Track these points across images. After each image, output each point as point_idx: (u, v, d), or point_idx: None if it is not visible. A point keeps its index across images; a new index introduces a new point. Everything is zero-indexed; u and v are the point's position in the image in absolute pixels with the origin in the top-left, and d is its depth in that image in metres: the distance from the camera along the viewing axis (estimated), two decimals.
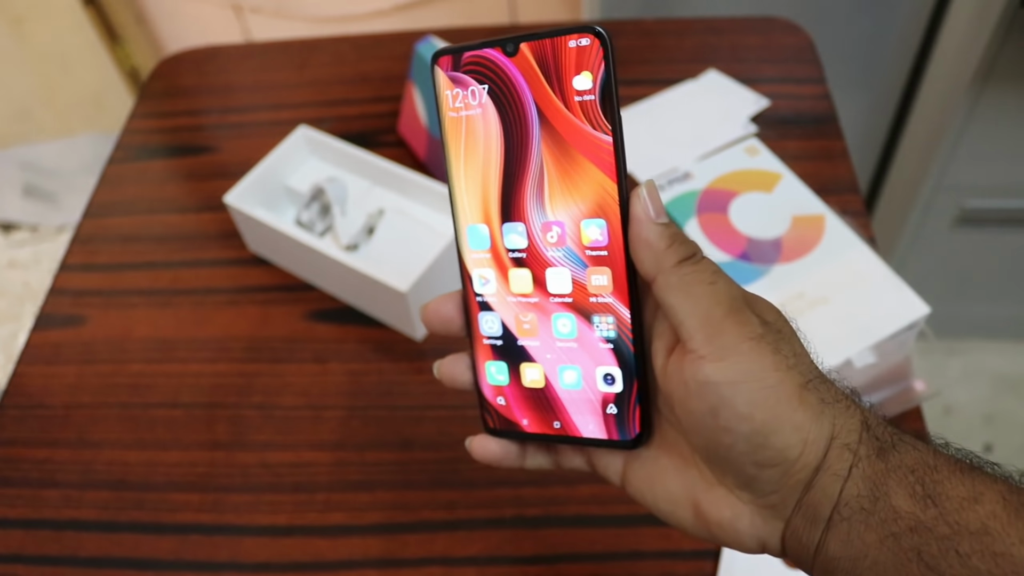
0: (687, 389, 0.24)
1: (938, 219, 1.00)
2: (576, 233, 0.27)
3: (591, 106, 0.26)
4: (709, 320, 0.24)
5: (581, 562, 0.46)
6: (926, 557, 0.22)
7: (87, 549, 0.49)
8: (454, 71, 0.28)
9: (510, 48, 0.26)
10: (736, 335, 0.23)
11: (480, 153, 0.28)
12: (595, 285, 0.27)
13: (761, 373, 0.23)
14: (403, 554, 0.47)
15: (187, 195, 0.69)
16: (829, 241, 0.53)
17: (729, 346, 0.23)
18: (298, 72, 0.78)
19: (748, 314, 0.24)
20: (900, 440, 0.24)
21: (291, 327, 0.58)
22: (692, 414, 0.24)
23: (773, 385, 0.23)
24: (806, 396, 0.23)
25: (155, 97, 0.78)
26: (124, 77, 1.43)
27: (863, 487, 0.23)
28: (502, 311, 0.29)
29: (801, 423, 0.23)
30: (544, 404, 0.29)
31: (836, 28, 0.93)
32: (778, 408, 0.23)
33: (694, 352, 0.24)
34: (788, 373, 0.23)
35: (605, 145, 0.26)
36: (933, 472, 0.23)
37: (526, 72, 0.26)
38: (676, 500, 0.26)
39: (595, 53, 0.25)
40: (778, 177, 0.57)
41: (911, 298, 0.49)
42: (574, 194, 0.27)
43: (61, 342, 0.59)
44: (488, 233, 0.28)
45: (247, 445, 0.53)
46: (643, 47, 0.75)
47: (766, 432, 0.23)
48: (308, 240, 0.56)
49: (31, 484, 0.52)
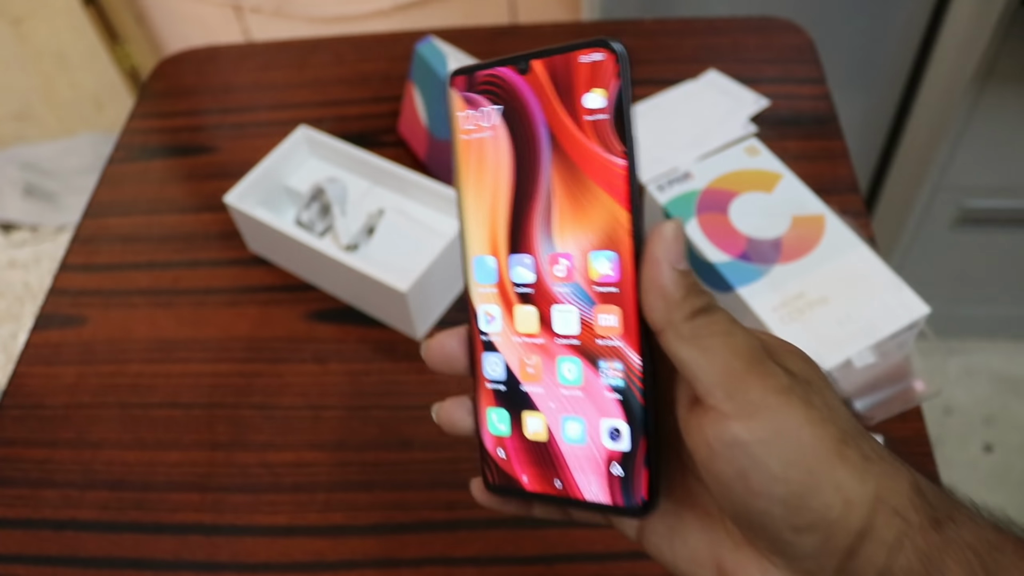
0: (711, 450, 0.22)
1: (938, 219, 1.00)
2: (584, 267, 0.25)
3: (604, 126, 0.24)
4: (729, 374, 0.21)
5: (581, 562, 0.46)
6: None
7: (87, 549, 0.49)
8: (468, 91, 0.26)
9: (522, 66, 0.25)
10: (762, 389, 0.21)
11: (490, 178, 0.26)
12: (603, 326, 0.24)
13: (794, 429, 0.21)
14: (403, 554, 0.47)
15: (187, 195, 0.69)
16: (829, 241, 0.53)
17: (755, 402, 0.21)
18: (298, 72, 0.78)
19: (771, 365, 0.22)
20: (957, 510, 0.21)
21: (291, 327, 0.58)
22: (719, 477, 0.22)
23: (809, 442, 0.21)
24: (846, 451, 0.21)
25: (155, 97, 0.78)
26: (124, 77, 1.43)
27: (915, 561, 0.20)
28: (507, 352, 0.27)
29: (842, 481, 0.21)
30: (546, 460, 0.26)
31: (836, 28, 0.93)
32: (816, 466, 0.21)
33: (715, 409, 0.21)
34: (824, 427, 0.21)
35: (618, 170, 0.23)
36: (996, 552, 0.20)
37: (539, 91, 0.25)
38: (698, 560, 0.24)
39: (609, 69, 0.23)
40: (778, 177, 0.57)
41: (911, 298, 0.49)
42: (584, 223, 0.24)
43: (61, 342, 0.59)
44: (496, 265, 0.26)
45: (247, 445, 0.53)
46: (643, 47, 0.75)
47: (804, 494, 0.21)
48: (308, 240, 0.56)
49: (31, 484, 0.52)
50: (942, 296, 1.09)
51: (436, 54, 0.62)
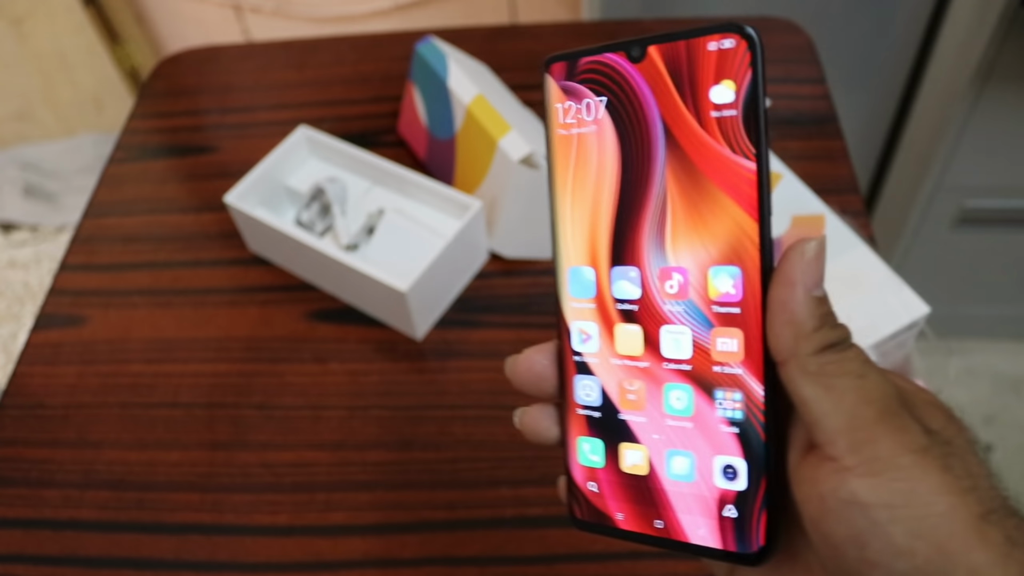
0: (824, 506, 0.19)
1: (938, 219, 1.00)
2: (702, 283, 0.22)
3: (732, 123, 0.21)
4: (856, 422, 0.19)
5: (581, 562, 0.46)
6: None
7: (87, 549, 0.49)
8: (568, 80, 0.23)
9: (636, 52, 0.22)
10: (893, 444, 0.19)
11: (592, 179, 0.23)
12: (721, 351, 0.22)
13: (927, 496, 0.18)
14: (403, 554, 0.47)
15: (187, 195, 0.69)
16: (829, 241, 0.53)
17: (884, 458, 0.19)
18: (298, 72, 0.78)
19: (907, 418, 0.19)
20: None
21: (291, 327, 0.58)
22: (829, 538, 0.19)
23: (943, 513, 0.18)
24: (987, 531, 0.18)
25: (155, 97, 0.78)
26: (124, 77, 1.43)
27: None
28: (603, 375, 0.24)
29: (979, 566, 0.18)
30: (646, 496, 0.24)
31: (836, 28, 0.93)
32: (949, 544, 0.18)
33: (836, 461, 0.19)
34: (963, 498, 0.18)
35: (747, 173, 0.21)
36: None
37: (654, 81, 0.22)
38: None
39: (741, 58, 0.21)
40: (778, 177, 0.57)
41: (911, 298, 0.49)
42: (703, 233, 0.22)
43: (61, 342, 0.59)
44: (595, 278, 0.24)
45: (247, 445, 0.53)
46: None
47: (931, 572, 0.18)
48: (308, 240, 0.56)
49: (31, 484, 0.52)
50: (942, 296, 1.09)
51: (436, 54, 0.62)
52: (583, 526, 0.25)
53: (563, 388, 0.25)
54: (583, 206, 0.24)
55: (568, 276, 0.24)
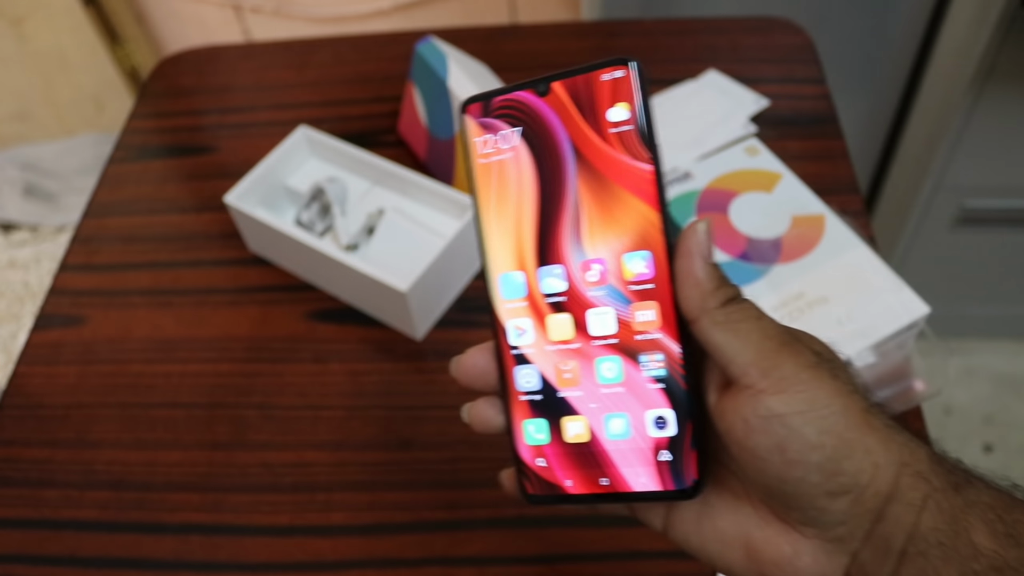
0: (748, 426, 0.23)
1: (938, 219, 1.00)
2: (618, 269, 0.26)
3: (629, 136, 0.25)
4: (762, 353, 0.23)
5: (582, 562, 0.46)
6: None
7: (87, 549, 0.49)
8: (484, 117, 0.28)
9: (542, 88, 0.27)
10: (794, 365, 0.23)
11: (513, 197, 0.27)
12: (641, 321, 0.26)
13: (826, 399, 0.23)
14: (403, 554, 0.47)
15: (187, 195, 0.69)
16: (829, 241, 0.53)
17: (788, 376, 0.23)
18: (298, 72, 0.78)
19: (800, 345, 0.24)
20: (973, 476, 0.23)
21: (291, 327, 0.58)
22: (755, 451, 0.23)
23: (840, 410, 0.22)
24: (872, 420, 0.23)
25: (155, 97, 0.78)
26: (124, 77, 1.43)
27: (940, 520, 0.22)
28: (540, 362, 0.28)
29: (871, 446, 0.22)
30: (589, 460, 0.27)
31: (836, 28, 0.93)
32: (848, 433, 0.22)
33: (752, 387, 0.23)
34: (851, 398, 0.23)
35: (646, 174, 0.25)
36: (1012, 511, 0.22)
37: (559, 110, 0.26)
38: (726, 540, 0.25)
39: (630, 83, 0.25)
40: (778, 177, 0.57)
41: (911, 298, 0.49)
42: (615, 228, 0.26)
43: (61, 342, 0.59)
44: (524, 280, 0.28)
45: (247, 445, 0.53)
46: (643, 47, 0.75)
47: (838, 458, 0.22)
48: (308, 240, 0.56)
49: (31, 484, 0.52)
50: (942, 296, 1.08)
51: (436, 54, 0.62)
52: (536, 500, 0.28)
53: (504, 380, 0.28)
54: (507, 221, 0.28)
55: (499, 282, 0.28)
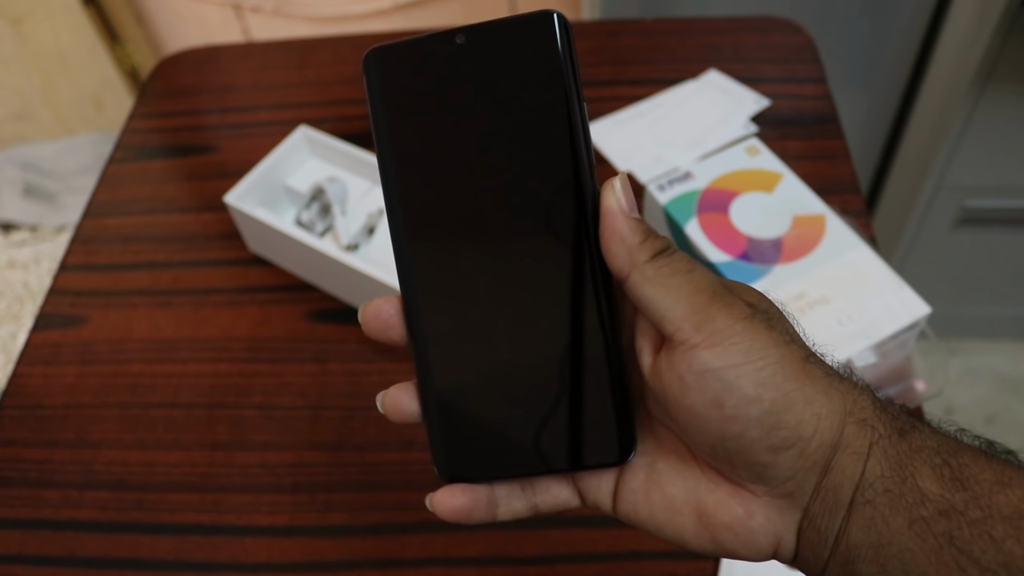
0: (684, 383, 0.22)
1: (939, 219, 1.00)
2: (543, 234, 0.24)
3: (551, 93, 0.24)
4: (694, 307, 0.22)
5: (582, 562, 0.46)
6: (958, 542, 0.20)
7: (87, 549, 0.49)
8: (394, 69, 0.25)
9: (458, 38, 0.25)
10: (727, 317, 0.22)
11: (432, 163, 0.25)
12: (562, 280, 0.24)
13: (762, 351, 0.22)
14: (404, 555, 0.47)
15: (187, 195, 0.69)
16: (830, 241, 0.53)
17: (722, 330, 0.22)
18: (298, 72, 0.78)
19: (732, 297, 0.23)
20: (918, 422, 0.23)
21: (291, 327, 0.58)
22: (693, 408, 0.22)
23: (776, 361, 0.22)
24: (811, 369, 0.22)
25: (155, 97, 0.78)
26: (124, 77, 1.43)
27: (886, 467, 0.21)
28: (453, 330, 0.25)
29: (812, 396, 0.22)
30: (518, 437, 0.25)
31: (837, 28, 0.92)
32: (786, 384, 0.22)
33: (685, 343, 0.22)
34: (788, 348, 0.22)
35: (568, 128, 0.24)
36: (957, 455, 0.21)
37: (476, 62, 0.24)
38: (677, 507, 0.24)
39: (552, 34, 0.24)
40: (779, 177, 0.57)
41: (912, 298, 0.49)
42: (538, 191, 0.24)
43: (61, 342, 0.59)
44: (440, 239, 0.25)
45: (247, 445, 0.52)
46: (643, 47, 0.75)
47: (777, 411, 0.21)
48: (308, 240, 0.56)
49: (30, 484, 0.52)
50: (943, 296, 1.09)
51: None
52: (456, 478, 0.26)
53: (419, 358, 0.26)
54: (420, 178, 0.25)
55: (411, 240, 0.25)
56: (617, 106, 0.69)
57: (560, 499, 0.26)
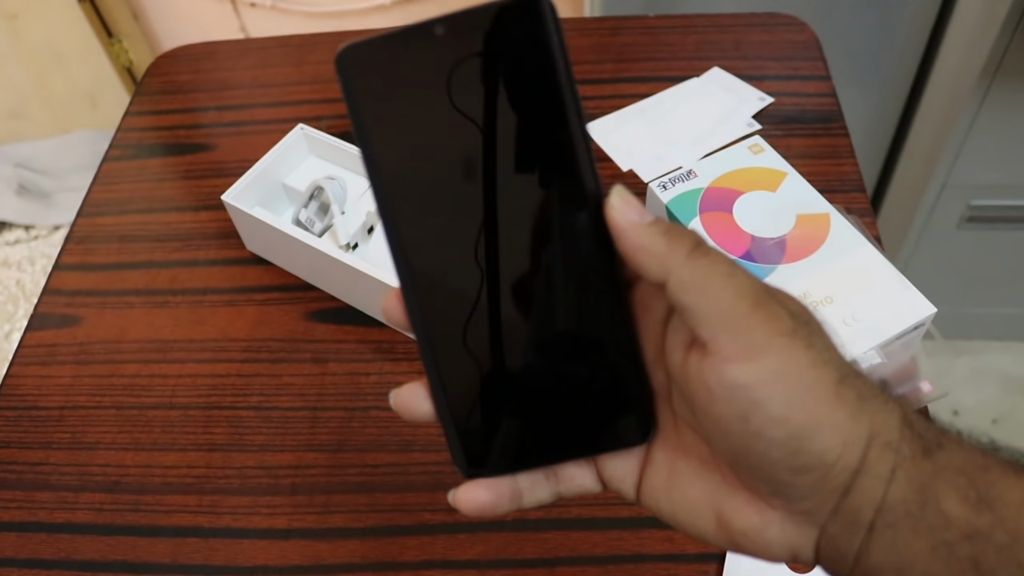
0: (711, 394, 0.22)
1: (945, 218, 1.00)
2: (548, 223, 0.24)
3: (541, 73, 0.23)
4: (734, 316, 0.21)
5: (583, 565, 0.46)
6: (984, 568, 0.20)
7: (82, 552, 0.48)
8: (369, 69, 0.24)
9: (437, 30, 0.23)
10: (767, 331, 0.21)
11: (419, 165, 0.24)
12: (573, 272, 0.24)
13: (797, 373, 0.21)
14: (403, 557, 0.47)
15: (184, 194, 0.69)
16: (834, 240, 0.52)
17: (759, 344, 0.21)
18: (296, 69, 0.77)
19: (775, 306, 0.22)
20: (945, 439, 0.22)
21: (290, 327, 0.58)
22: (718, 420, 0.22)
23: (810, 384, 0.21)
24: (844, 392, 0.21)
25: (151, 94, 0.78)
26: (120, 74, 1.42)
27: (909, 490, 0.21)
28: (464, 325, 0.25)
29: (840, 423, 0.21)
30: (535, 427, 0.25)
31: (842, 25, 0.92)
32: (816, 409, 0.21)
33: (719, 353, 0.21)
34: (824, 369, 0.21)
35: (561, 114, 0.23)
36: (985, 473, 0.21)
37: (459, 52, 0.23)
38: (696, 508, 0.24)
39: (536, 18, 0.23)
40: (782, 175, 0.57)
41: (917, 298, 0.49)
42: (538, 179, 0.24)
43: (56, 342, 0.59)
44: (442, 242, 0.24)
45: (245, 447, 0.52)
46: (646, 44, 0.75)
47: (803, 436, 0.21)
48: (307, 239, 0.55)
49: (25, 486, 0.52)
50: (949, 296, 1.08)
51: None
52: (478, 473, 0.25)
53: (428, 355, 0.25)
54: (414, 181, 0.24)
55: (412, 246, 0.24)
56: (619, 104, 0.69)
57: (584, 486, 0.26)
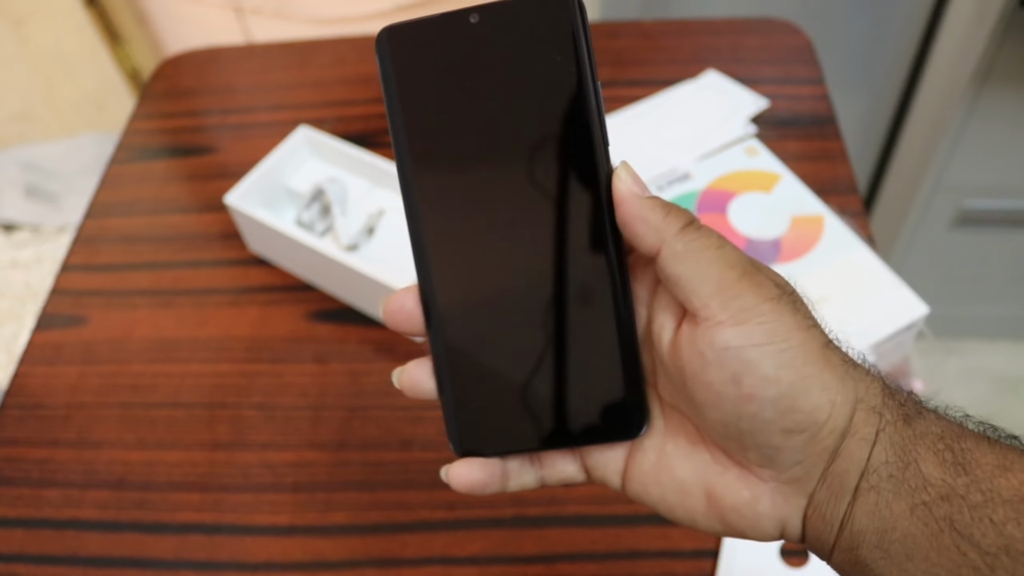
0: (704, 359, 0.22)
1: (937, 219, 1.00)
2: (557, 211, 0.25)
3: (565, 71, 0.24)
4: (724, 284, 0.22)
5: (581, 561, 0.46)
6: (959, 526, 0.21)
7: (88, 549, 0.49)
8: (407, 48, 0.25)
9: (472, 17, 0.24)
10: (755, 296, 0.22)
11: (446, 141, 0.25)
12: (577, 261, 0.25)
13: (785, 333, 0.22)
14: (403, 554, 0.47)
15: (188, 196, 0.70)
16: (828, 241, 0.53)
17: (749, 308, 0.22)
18: (299, 73, 0.78)
19: (761, 275, 0.23)
20: (924, 408, 0.23)
21: (292, 327, 0.59)
22: (711, 386, 0.23)
23: (798, 345, 0.22)
24: (830, 355, 0.22)
25: (156, 98, 0.79)
26: (125, 78, 1.43)
27: (891, 453, 0.22)
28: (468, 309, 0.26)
29: (828, 383, 0.22)
30: (533, 410, 0.26)
31: (835, 29, 0.93)
32: (805, 368, 0.22)
33: (710, 319, 0.22)
34: (810, 332, 0.22)
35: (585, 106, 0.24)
36: (961, 440, 0.22)
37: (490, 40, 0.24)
38: (686, 488, 0.25)
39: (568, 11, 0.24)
40: (777, 177, 0.58)
41: (910, 298, 0.50)
42: (553, 169, 0.24)
43: (62, 342, 0.59)
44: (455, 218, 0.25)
45: (248, 445, 0.53)
46: (642, 47, 0.76)
47: (794, 394, 0.22)
48: (308, 240, 0.56)
49: (32, 484, 0.52)
50: (941, 296, 1.09)
51: None
52: (471, 452, 0.26)
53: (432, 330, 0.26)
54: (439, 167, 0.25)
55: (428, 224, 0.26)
56: (616, 107, 0.69)
57: (566, 474, 0.27)
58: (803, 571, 0.45)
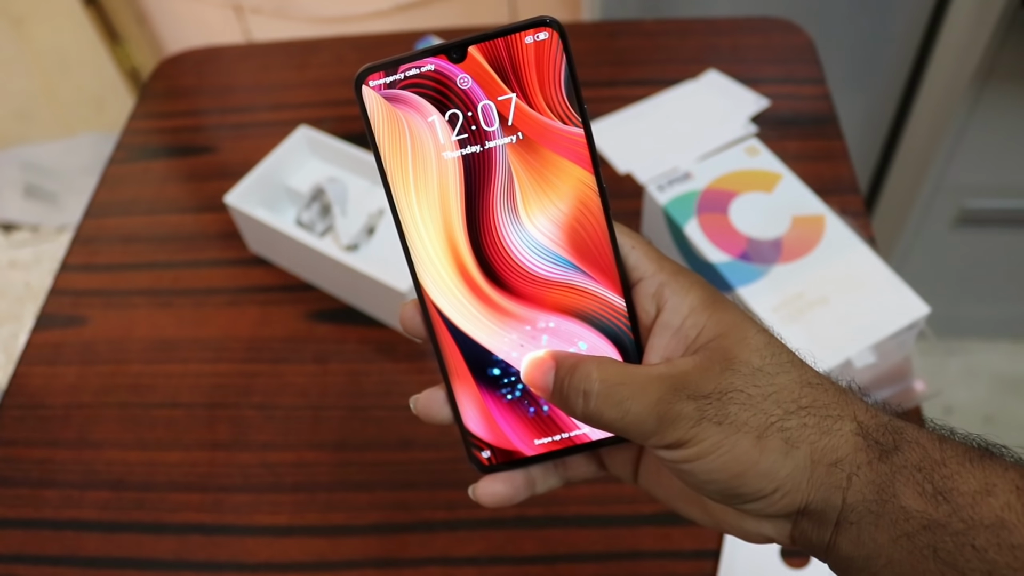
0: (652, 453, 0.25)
1: (938, 219, 1.00)
2: (557, 233, 0.26)
3: (557, 100, 0.25)
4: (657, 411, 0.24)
5: (581, 562, 0.46)
6: (942, 554, 0.21)
7: (87, 549, 0.49)
8: (390, 90, 0.25)
9: (456, 55, 0.24)
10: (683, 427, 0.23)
11: (434, 177, 0.25)
12: (583, 281, 0.26)
13: (710, 449, 0.23)
14: (403, 554, 0.47)
15: (187, 195, 0.70)
16: (829, 241, 0.53)
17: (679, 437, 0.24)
18: (298, 72, 0.78)
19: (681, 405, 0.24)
20: (902, 439, 0.23)
21: (291, 327, 0.58)
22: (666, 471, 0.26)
23: (724, 454, 0.23)
24: (766, 444, 0.23)
25: (155, 97, 0.79)
26: (125, 77, 1.43)
27: (868, 492, 0.23)
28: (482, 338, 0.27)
29: (767, 470, 0.23)
30: (544, 421, 0.28)
31: (836, 28, 0.93)
32: (736, 467, 0.23)
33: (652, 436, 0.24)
34: (738, 436, 0.23)
35: (577, 138, 0.25)
36: (941, 467, 0.22)
37: (479, 77, 0.24)
38: (684, 496, 0.27)
39: (555, 46, 0.24)
40: (778, 177, 0.57)
41: (911, 298, 0.49)
42: (550, 194, 0.25)
43: (62, 342, 0.59)
44: (455, 259, 0.26)
45: (248, 445, 0.53)
46: (643, 47, 0.75)
47: (734, 485, 0.23)
48: (308, 240, 0.56)
49: (31, 484, 0.52)
50: (942, 296, 1.09)
51: None
52: (496, 469, 0.28)
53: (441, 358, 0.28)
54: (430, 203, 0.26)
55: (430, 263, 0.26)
56: (617, 106, 0.69)
57: (588, 473, 0.29)
58: (804, 571, 0.45)
